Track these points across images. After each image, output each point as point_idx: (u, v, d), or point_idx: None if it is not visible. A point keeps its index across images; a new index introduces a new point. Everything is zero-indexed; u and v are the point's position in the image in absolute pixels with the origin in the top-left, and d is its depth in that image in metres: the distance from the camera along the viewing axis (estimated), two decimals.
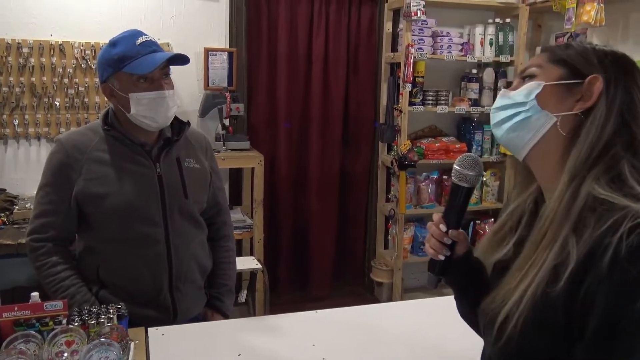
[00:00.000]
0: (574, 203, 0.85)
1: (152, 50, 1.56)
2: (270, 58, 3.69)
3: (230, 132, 3.40)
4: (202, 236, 1.81)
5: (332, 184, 3.94)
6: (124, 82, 1.56)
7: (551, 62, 0.96)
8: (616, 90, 0.90)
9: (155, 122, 1.59)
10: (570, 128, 0.92)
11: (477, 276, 1.10)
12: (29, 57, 3.11)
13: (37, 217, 1.62)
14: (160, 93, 1.57)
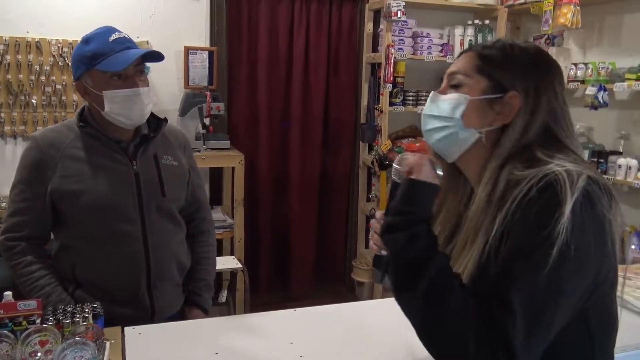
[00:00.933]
0: (495, 188, 0.93)
1: (125, 47, 1.53)
2: (251, 57, 3.68)
3: (211, 132, 3.38)
4: (181, 234, 1.79)
5: (313, 183, 3.95)
6: (97, 79, 1.53)
7: (477, 72, 1.01)
8: (537, 100, 0.97)
9: (130, 119, 1.57)
10: (493, 140, 0.99)
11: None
12: (4, 54, 3.06)
13: (11, 215, 1.59)
14: (135, 90, 1.54)
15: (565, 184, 0.84)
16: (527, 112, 0.97)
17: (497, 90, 0.99)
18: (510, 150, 0.96)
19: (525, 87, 0.97)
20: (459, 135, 1.01)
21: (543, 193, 0.86)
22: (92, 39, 1.54)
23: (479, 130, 1.00)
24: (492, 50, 1.02)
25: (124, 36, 1.56)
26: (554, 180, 0.86)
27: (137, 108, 1.56)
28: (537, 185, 0.86)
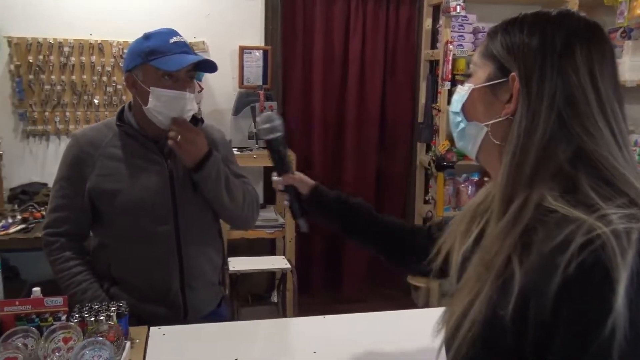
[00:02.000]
0: (520, 215, 0.75)
1: (183, 51, 1.55)
2: (306, 57, 3.65)
3: None
4: (214, 231, 1.79)
5: (368, 184, 3.87)
6: (149, 75, 1.54)
7: (484, 56, 0.86)
8: (542, 84, 0.76)
9: (167, 119, 1.58)
10: (503, 135, 0.81)
11: (341, 208, 1.25)
12: (69, 56, 3.20)
13: (52, 211, 1.63)
14: (181, 94, 1.55)
15: (615, 257, 0.63)
16: (529, 99, 0.77)
17: (502, 73, 0.82)
18: (520, 160, 0.76)
19: (525, 64, 0.78)
20: (465, 131, 0.88)
21: (588, 275, 0.64)
22: (154, 36, 1.56)
23: (485, 124, 0.85)
24: (502, 25, 0.85)
25: (184, 41, 1.58)
26: (601, 250, 0.64)
27: (178, 111, 1.56)
28: (577, 257, 0.65)
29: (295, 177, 1.28)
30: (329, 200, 1.26)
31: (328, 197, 1.27)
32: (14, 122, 3.22)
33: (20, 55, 3.13)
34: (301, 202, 1.27)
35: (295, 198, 1.27)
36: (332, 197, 1.26)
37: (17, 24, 3.14)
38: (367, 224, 1.26)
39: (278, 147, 1.26)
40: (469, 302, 0.76)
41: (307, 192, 1.27)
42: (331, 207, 1.26)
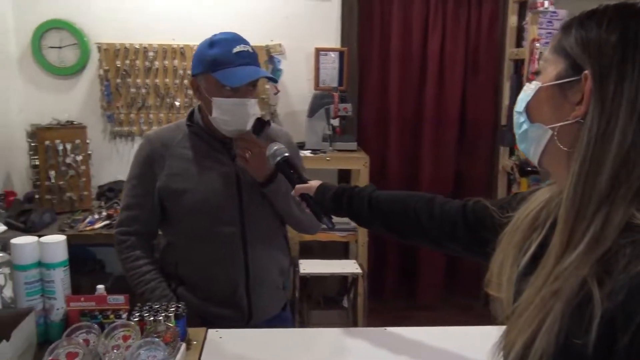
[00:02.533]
0: (602, 236, 0.65)
1: (246, 62, 1.54)
2: (383, 57, 3.58)
3: (338, 133, 3.35)
4: (280, 235, 1.78)
5: (445, 188, 3.73)
6: (210, 85, 1.56)
7: (555, 51, 0.76)
8: (620, 85, 0.67)
9: (232, 127, 1.58)
10: (571, 141, 0.73)
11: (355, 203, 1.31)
12: (153, 60, 3.34)
13: (124, 209, 1.69)
14: (242, 101, 1.55)
15: None
16: (601, 100, 0.69)
17: (574, 71, 0.73)
18: (590, 171, 0.68)
19: (601, 62, 0.70)
20: (528, 133, 0.80)
21: None
22: (217, 44, 1.56)
23: (550, 127, 0.76)
24: (578, 18, 0.76)
25: (248, 50, 1.56)
26: None
27: (241, 117, 1.56)
28: None
29: (304, 186, 1.42)
30: (328, 197, 1.36)
31: (327, 194, 1.37)
32: (102, 123, 3.41)
33: (108, 60, 3.31)
34: (315, 207, 1.40)
35: (310, 202, 1.41)
36: (330, 193, 1.36)
37: (106, 31, 3.32)
38: (369, 209, 1.30)
39: (282, 167, 1.48)
40: (532, 332, 0.68)
41: (315, 195, 1.39)
42: (331, 204, 1.36)
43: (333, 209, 1.38)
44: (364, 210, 1.31)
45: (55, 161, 2.99)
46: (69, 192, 3.05)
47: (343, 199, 1.34)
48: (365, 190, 1.34)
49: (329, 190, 1.38)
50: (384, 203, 1.30)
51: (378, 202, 1.30)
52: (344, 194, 1.35)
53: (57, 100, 3.35)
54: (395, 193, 1.32)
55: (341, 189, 1.37)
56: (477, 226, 1.13)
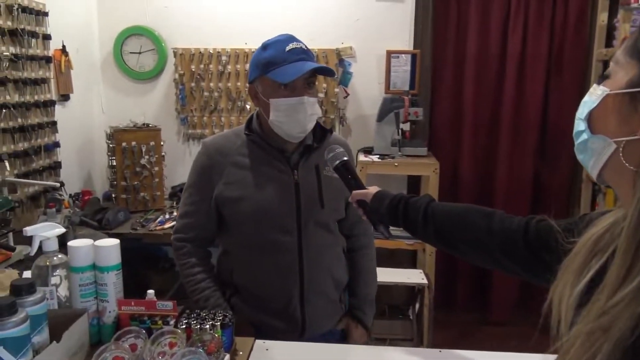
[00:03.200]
0: None
1: (299, 59, 1.52)
2: (458, 59, 3.44)
3: (408, 138, 3.26)
4: (338, 247, 1.72)
5: (523, 197, 3.53)
6: (267, 87, 1.55)
7: (629, 54, 0.65)
8: None
9: (291, 128, 1.55)
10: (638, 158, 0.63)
11: (411, 213, 1.25)
12: (226, 64, 3.40)
13: (181, 217, 1.70)
14: (299, 99, 1.52)
15: None
16: None
17: None
18: None
19: None
20: (588, 143, 0.71)
21: None
22: (270, 46, 1.55)
23: (614, 140, 0.67)
24: None
25: (301, 47, 1.54)
26: None
27: (300, 117, 1.53)
28: None
29: (361, 192, 1.38)
30: (384, 205, 1.31)
31: (383, 202, 1.32)
32: (176, 126, 3.51)
33: (184, 64, 3.40)
34: (371, 212, 1.36)
35: (366, 210, 1.37)
36: (387, 202, 1.31)
37: (183, 36, 3.42)
38: (424, 220, 1.23)
39: (341, 171, 1.45)
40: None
41: (369, 202, 1.35)
42: (387, 212, 1.31)
43: (389, 217, 1.32)
44: (419, 221, 1.24)
45: (131, 162, 3.11)
46: (143, 192, 3.17)
47: (399, 208, 1.28)
48: (421, 200, 1.27)
49: (385, 198, 1.33)
50: (440, 215, 1.22)
51: (434, 213, 1.22)
52: (399, 203, 1.29)
53: (135, 103, 3.50)
54: (453, 205, 1.24)
55: (397, 198, 1.31)
56: (539, 247, 1.03)
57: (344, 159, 1.45)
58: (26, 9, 2.60)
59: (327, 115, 3.42)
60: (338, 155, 1.45)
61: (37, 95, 2.73)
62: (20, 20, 2.57)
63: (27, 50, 2.62)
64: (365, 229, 1.78)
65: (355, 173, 1.45)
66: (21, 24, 2.57)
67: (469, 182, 3.51)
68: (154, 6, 3.42)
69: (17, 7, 2.53)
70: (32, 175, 2.68)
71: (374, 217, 1.36)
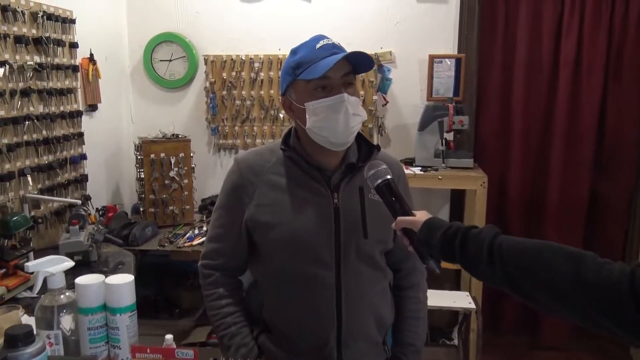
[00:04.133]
0: None
1: (331, 53, 1.32)
2: (506, 63, 3.19)
3: (452, 149, 3.03)
4: (384, 283, 1.51)
5: (577, 212, 3.24)
6: (300, 91, 1.36)
7: None
8: None
9: (334, 133, 1.35)
10: None
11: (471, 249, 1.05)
12: (259, 71, 3.24)
13: (210, 241, 1.54)
14: (338, 97, 1.32)
15: None
16: None
17: None
18: None
19: None
20: None
21: None
22: (300, 48, 1.38)
23: None
24: None
25: (332, 42, 1.36)
26: None
27: (341, 118, 1.33)
28: None
29: (408, 219, 1.20)
30: (436, 237, 1.12)
31: (435, 233, 1.13)
32: (207, 136, 3.37)
33: (215, 72, 3.26)
34: (420, 244, 1.18)
35: (413, 240, 1.19)
36: (440, 232, 1.12)
37: (214, 43, 3.28)
38: (489, 259, 1.03)
39: (383, 192, 1.26)
40: None
41: (418, 232, 1.17)
42: (440, 245, 1.12)
43: (441, 252, 1.12)
44: (482, 259, 1.03)
45: (160, 174, 2.98)
46: (172, 205, 3.03)
47: (455, 242, 1.08)
48: (484, 233, 1.06)
49: (437, 228, 1.13)
50: (510, 253, 1.01)
51: (501, 250, 1.01)
52: (456, 234, 1.09)
53: (165, 112, 3.38)
54: (526, 241, 1.02)
55: (453, 229, 1.10)
56: None
57: (387, 178, 1.25)
58: (52, 17, 2.49)
59: (365, 124, 3.22)
60: (380, 173, 1.26)
61: (63, 105, 2.62)
62: (45, 28, 2.46)
63: (52, 59, 2.51)
64: (416, 265, 1.57)
65: (400, 195, 1.25)
66: (46, 31, 2.47)
67: (517, 197, 3.26)
68: (185, 12, 3.29)
69: (42, 15, 2.42)
70: (57, 189, 2.57)
71: (423, 250, 1.17)
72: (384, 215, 1.28)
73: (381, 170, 1.26)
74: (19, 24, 2.30)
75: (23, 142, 2.34)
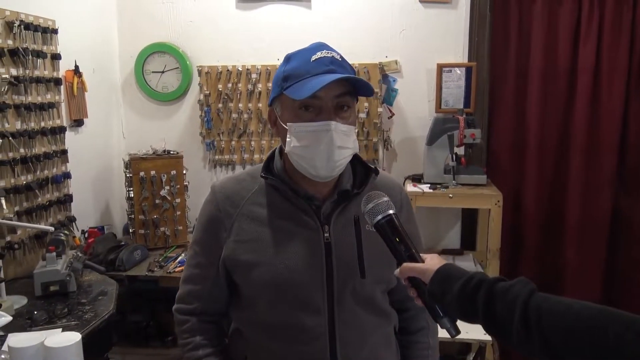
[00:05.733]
0: None
1: (327, 70, 1.12)
2: (520, 72, 2.98)
3: (463, 164, 2.81)
4: (387, 328, 1.30)
5: (598, 232, 3.01)
6: (286, 108, 1.16)
7: None
8: None
9: (312, 167, 1.14)
10: None
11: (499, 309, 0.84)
12: (256, 82, 3.05)
13: (184, 282, 1.32)
14: (322, 125, 1.11)
15: None
16: None
17: None
18: None
19: None
20: None
21: None
22: (294, 56, 1.17)
23: None
24: None
25: (332, 56, 1.14)
26: None
27: (322, 150, 1.12)
28: None
29: (415, 266, 0.98)
30: (453, 291, 0.90)
31: (450, 285, 0.91)
32: (202, 151, 3.18)
33: (210, 84, 3.08)
34: (430, 298, 0.96)
35: (422, 293, 0.97)
36: (457, 285, 0.90)
37: (208, 53, 3.11)
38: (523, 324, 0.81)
39: (384, 231, 1.03)
40: None
41: (428, 284, 0.94)
42: (457, 302, 0.90)
43: (459, 310, 0.90)
44: (515, 323, 0.82)
45: (150, 193, 2.79)
46: (163, 226, 2.84)
47: (477, 298, 0.87)
48: (516, 289, 0.85)
49: (454, 279, 0.92)
50: (553, 319, 0.79)
51: (541, 314, 0.80)
52: (479, 289, 0.88)
53: (158, 127, 3.20)
54: (573, 304, 0.80)
55: (475, 281, 0.89)
56: None
57: (389, 213, 1.03)
58: (30, 26, 2.32)
59: (369, 138, 3.02)
60: (380, 207, 1.04)
61: (44, 121, 2.44)
62: (23, 39, 2.28)
63: (32, 72, 2.34)
64: None
65: (405, 234, 1.02)
66: (24, 42, 2.29)
67: (534, 215, 3.03)
68: (178, 21, 3.11)
69: (18, 24, 2.24)
70: (36, 211, 2.38)
71: (434, 306, 0.96)
72: (384, 249, 1.06)
73: (381, 204, 1.04)
74: None
75: None
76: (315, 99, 1.11)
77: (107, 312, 1.95)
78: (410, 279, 0.99)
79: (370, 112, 3.00)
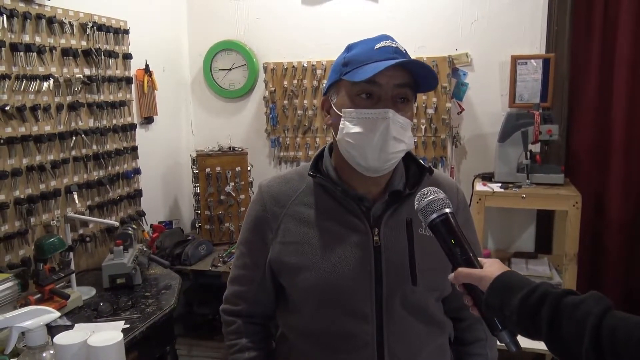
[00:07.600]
0: None
1: (389, 58, 1.07)
2: (605, 64, 2.74)
3: (539, 162, 2.64)
4: (441, 339, 1.22)
5: None
6: (343, 94, 1.11)
7: None
8: None
9: (363, 156, 1.09)
10: None
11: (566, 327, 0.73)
12: (321, 79, 3.02)
13: (231, 282, 1.31)
14: (382, 112, 1.06)
15: None
16: None
17: None
18: None
19: None
20: None
21: None
22: (356, 45, 1.13)
23: None
24: None
25: (396, 46, 1.10)
26: None
27: (376, 139, 1.06)
28: None
29: (472, 272, 0.88)
30: (513, 303, 0.80)
31: (510, 295, 0.81)
32: (267, 148, 3.19)
33: (275, 80, 3.08)
34: (488, 309, 0.86)
35: (479, 302, 0.88)
36: (518, 296, 0.80)
37: (274, 50, 3.12)
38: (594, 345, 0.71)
39: (439, 231, 0.94)
40: None
41: (486, 293, 0.85)
42: (518, 315, 0.80)
43: (519, 323, 0.81)
44: (584, 345, 0.72)
45: (215, 189, 2.83)
46: (228, 222, 2.87)
47: (541, 313, 0.77)
48: (588, 306, 0.74)
49: (515, 290, 0.82)
50: (630, 344, 0.69)
51: (616, 337, 0.70)
52: (543, 302, 0.78)
53: (225, 124, 3.25)
54: None
55: (539, 293, 0.79)
56: None
57: (445, 212, 0.94)
58: (103, 27, 2.40)
59: (437, 134, 2.90)
60: (434, 205, 0.95)
61: (115, 119, 2.53)
62: (96, 40, 2.37)
63: (104, 72, 2.43)
64: None
65: (462, 236, 0.93)
66: (97, 43, 2.38)
67: (617, 220, 2.78)
68: (245, 18, 3.13)
69: (91, 26, 2.33)
70: (107, 206, 2.48)
71: (492, 317, 0.86)
72: (438, 253, 0.98)
73: (437, 201, 0.95)
74: (67, 36, 2.22)
75: (70, 157, 2.26)
76: (374, 86, 1.06)
77: (169, 306, 1.99)
78: (466, 286, 0.90)
79: (438, 108, 2.88)
